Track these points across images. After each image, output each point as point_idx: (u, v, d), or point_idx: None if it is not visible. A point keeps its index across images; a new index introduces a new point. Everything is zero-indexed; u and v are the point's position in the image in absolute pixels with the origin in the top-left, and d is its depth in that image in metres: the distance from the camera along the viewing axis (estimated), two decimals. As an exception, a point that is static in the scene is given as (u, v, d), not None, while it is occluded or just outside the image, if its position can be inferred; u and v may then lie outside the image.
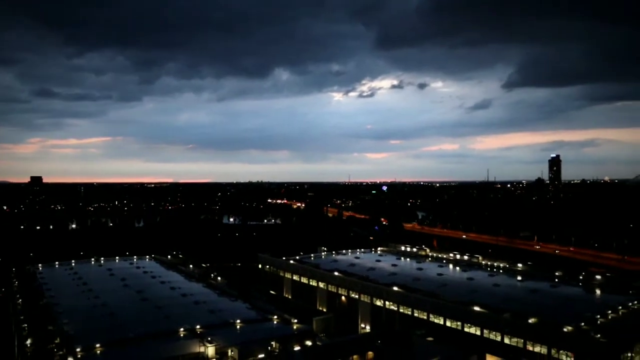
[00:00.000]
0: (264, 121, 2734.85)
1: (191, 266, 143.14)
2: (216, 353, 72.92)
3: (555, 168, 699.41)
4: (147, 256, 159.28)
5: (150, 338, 77.35)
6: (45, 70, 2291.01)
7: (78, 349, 71.22)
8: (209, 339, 74.98)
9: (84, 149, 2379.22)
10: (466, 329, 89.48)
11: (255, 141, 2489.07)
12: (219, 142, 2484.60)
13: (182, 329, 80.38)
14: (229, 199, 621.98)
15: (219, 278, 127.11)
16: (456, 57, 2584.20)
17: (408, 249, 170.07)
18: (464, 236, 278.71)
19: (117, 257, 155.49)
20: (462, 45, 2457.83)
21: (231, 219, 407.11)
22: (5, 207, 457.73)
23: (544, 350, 78.05)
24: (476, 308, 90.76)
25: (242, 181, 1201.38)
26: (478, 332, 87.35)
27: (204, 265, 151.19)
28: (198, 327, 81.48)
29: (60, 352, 71.93)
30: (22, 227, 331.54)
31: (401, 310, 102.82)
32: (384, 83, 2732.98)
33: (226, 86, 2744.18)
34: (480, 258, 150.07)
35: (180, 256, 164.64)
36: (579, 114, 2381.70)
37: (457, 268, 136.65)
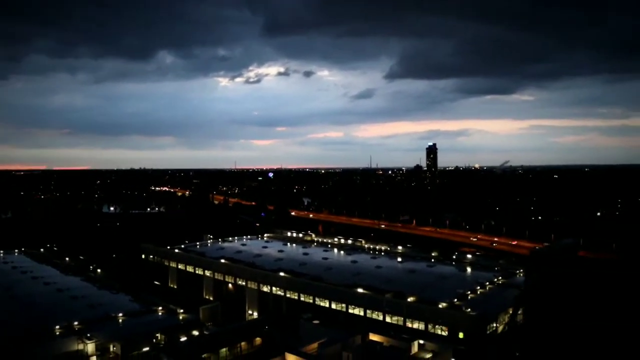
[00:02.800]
0: (147, 106, 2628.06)
1: (67, 259, 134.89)
2: (97, 349, 69.75)
3: (432, 156, 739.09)
4: (17, 250, 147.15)
5: (22, 339, 71.77)
6: None
7: None
8: (89, 335, 71.46)
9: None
10: (350, 310, 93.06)
11: (138, 126, 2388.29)
12: (98, 126, 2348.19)
13: (58, 327, 75.59)
14: (109, 186, 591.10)
15: (98, 270, 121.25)
16: (342, 47, 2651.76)
17: (294, 235, 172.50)
18: (348, 221, 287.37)
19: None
20: (348, 35, 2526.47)
21: (112, 208, 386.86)
22: None
23: (421, 326, 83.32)
24: (360, 290, 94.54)
25: (123, 168, 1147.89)
26: (362, 313, 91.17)
27: (81, 257, 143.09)
28: (76, 323, 76.97)
29: None
30: None
31: (288, 295, 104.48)
32: (271, 70, 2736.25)
33: (105, 67, 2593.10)
34: (363, 242, 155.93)
35: (55, 249, 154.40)
36: (452, 106, 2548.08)
37: (342, 252, 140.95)
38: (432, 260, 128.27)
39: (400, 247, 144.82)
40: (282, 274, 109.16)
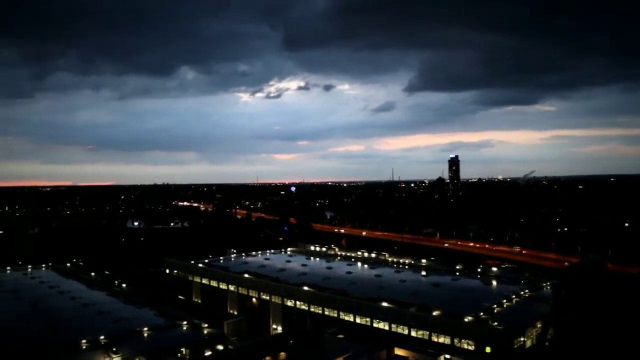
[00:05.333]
0: (169, 121, 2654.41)
1: (93, 274, 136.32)
2: (122, 363, 70.07)
3: (454, 168, 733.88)
4: (44, 265, 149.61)
5: (48, 352, 72.62)
6: None
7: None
8: (114, 349, 71.91)
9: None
10: (375, 325, 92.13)
11: (160, 142, 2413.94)
12: (121, 142, 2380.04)
13: (84, 341, 76.20)
14: (132, 202, 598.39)
15: (123, 285, 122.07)
16: (361, 60, 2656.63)
17: (317, 249, 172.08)
18: (371, 235, 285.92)
19: (8, 268, 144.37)
20: (367, 48, 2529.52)
21: (135, 223, 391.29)
22: None
23: (447, 340, 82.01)
24: (384, 304, 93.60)
25: (146, 183, 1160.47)
26: (386, 327, 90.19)
27: (107, 272, 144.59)
28: (102, 337, 77.53)
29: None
30: None
31: (312, 310, 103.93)
32: (291, 84, 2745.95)
33: (128, 84, 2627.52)
34: (387, 255, 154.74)
35: (81, 264, 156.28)
36: (474, 117, 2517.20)
37: (365, 266, 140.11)
38: (457, 273, 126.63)
39: (424, 261, 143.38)
40: (306, 288, 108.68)
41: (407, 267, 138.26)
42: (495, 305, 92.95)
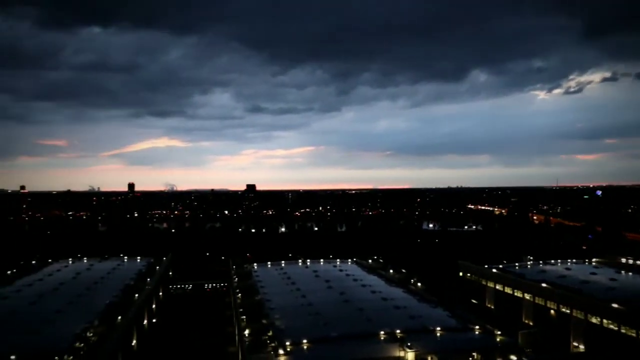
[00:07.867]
0: (462, 125, 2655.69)
1: (391, 271, 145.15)
2: (415, 359, 72.80)
3: None
4: (349, 260, 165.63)
5: (351, 338, 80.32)
6: (255, 88, 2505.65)
7: (287, 343, 77.02)
8: (409, 344, 75.10)
9: (290, 159, 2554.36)
10: None
11: (453, 146, 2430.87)
12: (416, 147, 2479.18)
13: (382, 332, 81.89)
14: (427, 204, 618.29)
15: (418, 284, 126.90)
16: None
17: (630, 261, 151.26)
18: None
19: (321, 260, 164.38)
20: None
21: (430, 225, 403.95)
22: (226, 212, 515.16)
23: None
24: None
25: (440, 186, 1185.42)
26: None
27: (403, 270, 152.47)
28: (398, 331, 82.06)
29: (272, 344, 78.47)
30: (240, 229, 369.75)
31: (623, 331, 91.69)
32: (594, 77, 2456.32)
33: (421, 92, 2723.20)
34: None
35: (381, 261, 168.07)
36: None
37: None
38: None
39: None
40: (615, 305, 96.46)
41: None
42: None
